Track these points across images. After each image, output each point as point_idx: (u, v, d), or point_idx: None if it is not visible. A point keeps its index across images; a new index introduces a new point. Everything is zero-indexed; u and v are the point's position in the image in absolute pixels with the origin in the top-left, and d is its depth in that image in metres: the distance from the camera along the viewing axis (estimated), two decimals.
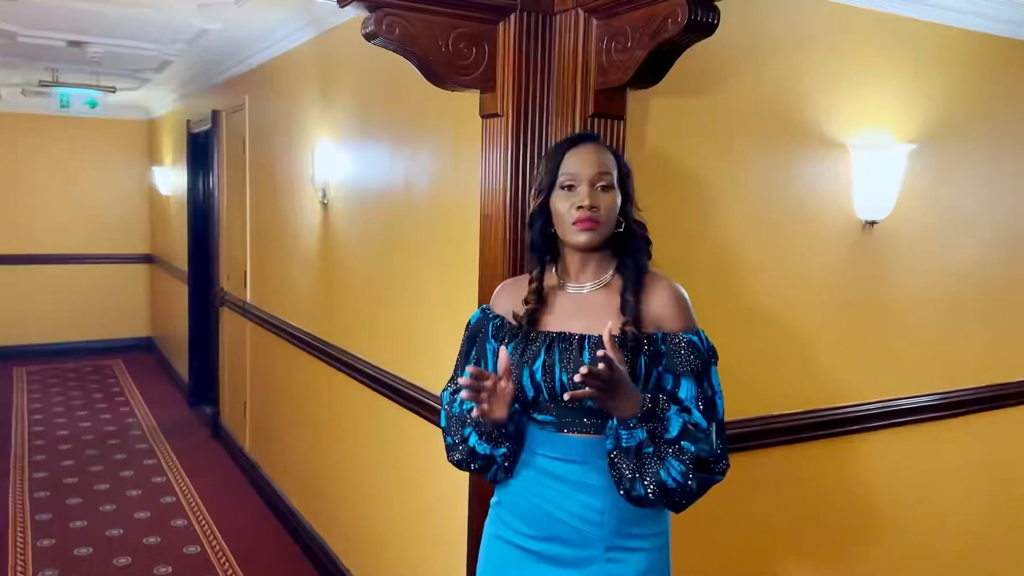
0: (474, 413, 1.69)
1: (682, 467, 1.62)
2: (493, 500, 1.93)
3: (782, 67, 2.59)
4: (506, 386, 1.71)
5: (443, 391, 1.93)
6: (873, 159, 2.72)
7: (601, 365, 1.51)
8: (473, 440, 1.79)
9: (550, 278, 1.83)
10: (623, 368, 1.58)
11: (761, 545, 2.79)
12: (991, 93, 3.10)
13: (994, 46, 3.04)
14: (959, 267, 3.13)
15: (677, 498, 1.65)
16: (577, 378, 1.51)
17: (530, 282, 1.81)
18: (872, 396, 2.93)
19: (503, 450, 1.77)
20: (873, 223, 2.81)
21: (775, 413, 2.71)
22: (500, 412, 1.71)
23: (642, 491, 1.63)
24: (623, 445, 1.63)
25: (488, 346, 1.86)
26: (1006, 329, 3.31)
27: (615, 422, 1.64)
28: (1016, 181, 3.25)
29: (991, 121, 3.12)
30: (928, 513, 3.17)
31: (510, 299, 1.86)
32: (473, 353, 1.89)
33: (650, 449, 1.62)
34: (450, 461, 1.87)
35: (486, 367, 1.84)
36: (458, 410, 1.82)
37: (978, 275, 3.18)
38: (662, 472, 1.62)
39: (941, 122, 2.95)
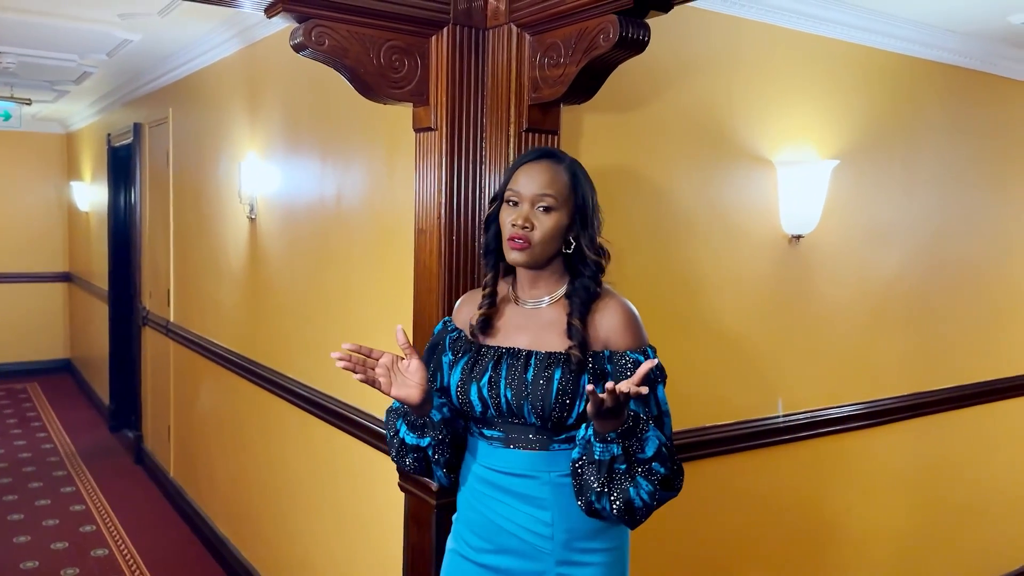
0: (381, 388, 1.69)
1: (651, 487, 1.63)
2: (454, 516, 1.93)
3: (711, 85, 2.64)
4: (408, 364, 1.71)
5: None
6: (798, 175, 2.79)
7: (605, 395, 1.50)
8: (403, 431, 1.82)
9: (504, 289, 1.84)
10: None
11: (693, 557, 2.81)
12: (909, 111, 3.22)
13: (912, 66, 3.16)
14: (881, 278, 3.23)
15: (639, 516, 1.66)
16: (603, 394, 1.51)
17: (483, 287, 1.83)
18: (800, 407, 2.99)
19: (428, 439, 1.77)
20: (799, 237, 2.88)
21: (707, 424, 2.74)
22: (408, 392, 1.71)
23: (607, 505, 1.63)
24: (595, 458, 1.62)
25: (444, 358, 1.86)
26: (927, 338, 3.43)
27: (588, 433, 1.63)
28: (934, 195, 3.38)
29: (909, 138, 3.25)
30: (858, 520, 3.25)
31: (469, 310, 1.87)
32: (431, 364, 1.88)
33: (623, 466, 1.62)
34: (394, 461, 1.88)
35: (441, 379, 1.84)
36: (397, 404, 1.83)
37: (899, 286, 3.29)
38: (631, 490, 1.62)
39: (862, 139, 3.05)
